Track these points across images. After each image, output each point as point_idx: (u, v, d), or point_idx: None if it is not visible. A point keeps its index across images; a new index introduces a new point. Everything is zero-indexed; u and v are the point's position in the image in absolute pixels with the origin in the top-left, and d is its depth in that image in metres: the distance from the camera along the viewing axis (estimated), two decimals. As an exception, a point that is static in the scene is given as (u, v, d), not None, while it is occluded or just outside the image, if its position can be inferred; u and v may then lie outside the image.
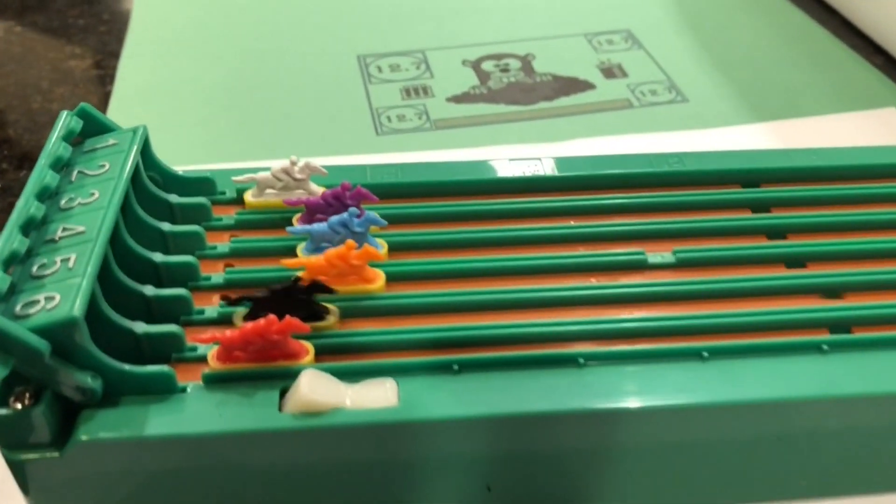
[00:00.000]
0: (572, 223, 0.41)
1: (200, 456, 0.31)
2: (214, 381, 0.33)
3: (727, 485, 0.35)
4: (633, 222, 0.41)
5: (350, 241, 0.36)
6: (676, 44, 0.71)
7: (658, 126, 0.61)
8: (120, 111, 0.62)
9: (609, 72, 0.67)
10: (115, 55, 0.70)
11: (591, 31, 0.73)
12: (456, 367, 0.33)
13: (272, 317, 0.32)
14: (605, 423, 0.32)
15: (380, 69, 0.67)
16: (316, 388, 0.31)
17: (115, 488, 0.32)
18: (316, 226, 0.38)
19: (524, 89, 0.65)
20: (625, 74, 0.67)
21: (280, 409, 0.32)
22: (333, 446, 0.32)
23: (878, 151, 0.45)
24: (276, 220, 0.40)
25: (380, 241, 0.39)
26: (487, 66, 0.68)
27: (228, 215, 0.40)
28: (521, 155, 0.45)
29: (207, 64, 0.68)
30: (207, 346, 0.34)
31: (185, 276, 0.37)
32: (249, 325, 0.32)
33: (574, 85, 0.66)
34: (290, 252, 0.38)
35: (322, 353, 0.34)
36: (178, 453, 0.31)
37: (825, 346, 0.34)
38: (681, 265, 0.39)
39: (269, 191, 0.41)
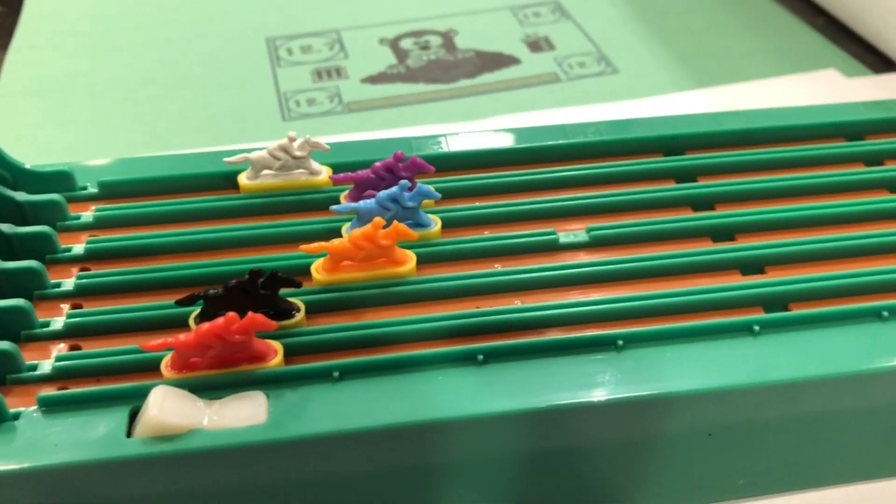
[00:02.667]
0: (477, 203, 0.37)
1: (36, 494, 0.27)
2: (52, 405, 0.28)
3: (655, 489, 0.31)
4: (543, 199, 0.36)
5: (378, 220, 0.31)
6: (608, 13, 0.67)
7: (587, 99, 0.57)
8: (4, 107, 0.57)
9: (535, 45, 0.63)
10: (2, 48, 0.64)
11: (516, 3, 0.69)
12: (336, 373, 0.29)
13: (232, 315, 0.27)
14: (496, 428, 0.28)
15: (290, 51, 0.63)
16: (167, 409, 0.27)
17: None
18: (363, 203, 0.33)
19: (445, 67, 0.61)
20: (552, 47, 0.63)
21: (129, 433, 0.27)
22: (191, 473, 0.27)
23: (810, 111, 0.42)
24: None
25: (433, 217, 0.35)
26: (406, 43, 0.64)
27: (87, 213, 0.36)
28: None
29: (105, 56, 0.63)
30: (48, 363, 0.29)
31: (28, 283, 0.32)
32: (205, 325, 0.27)
33: (498, 60, 0.62)
34: (151, 251, 0.34)
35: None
36: (8, 492, 0.26)
37: (756, 327, 0.31)
38: (595, 244, 0.35)
39: (265, 172, 0.37)
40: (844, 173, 0.38)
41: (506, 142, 0.40)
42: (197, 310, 0.31)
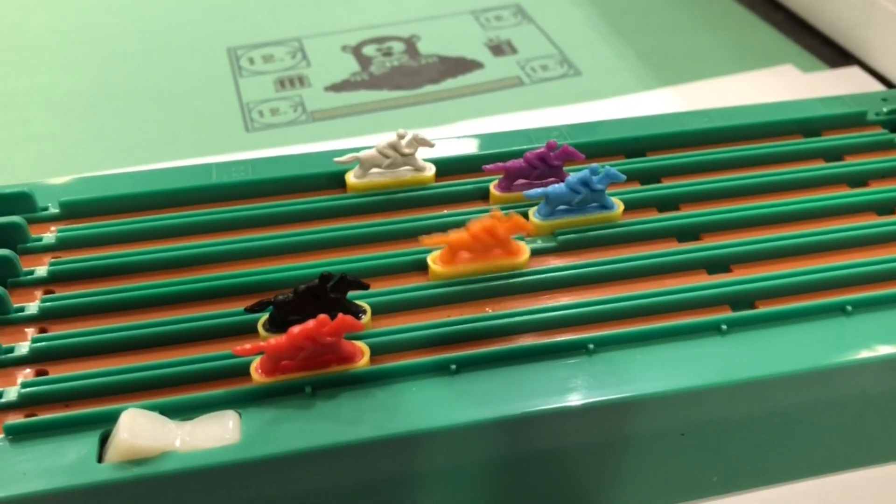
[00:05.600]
0: (446, 211, 0.37)
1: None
2: (20, 433, 0.27)
3: (630, 490, 0.32)
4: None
5: (497, 212, 0.32)
6: (569, 15, 0.68)
7: (551, 102, 0.57)
8: (-41, 127, 0.56)
9: (498, 49, 0.63)
10: (-43, 67, 0.63)
11: (478, 7, 0.69)
12: (308, 388, 0.29)
13: (323, 317, 0.28)
14: (471, 438, 0.28)
15: (252, 61, 0.62)
16: (138, 432, 0.27)
17: None
18: (552, 188, 0.35)
19: (408, 73, 0.61)
20: (514, 51, 0.63)
21: (100, 458, 0.27)
22: (164, 496, 0.27)
23: (769, 108, 0.42)
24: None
25: (615, 199, 0.36)
26: (369, 50, 0.63)
27: (49, 234, 0.35)
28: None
29: (64, 70, 0.62)
30: (13, 389, 0.29)
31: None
32: (297, 328, 0.28)
33: (461, 65, 0.62)
34: (116, 271, 0.33)
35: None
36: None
37: (724, 326, 0.31)
38: (563, 248, 0.35)
39: (374, 170, 0.37)
40: (805, 170, 0.39)
41: (470, 148, 0.40)
42: (265, 316, 0.31)
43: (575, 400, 0.28)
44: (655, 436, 0.30)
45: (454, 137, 0.40)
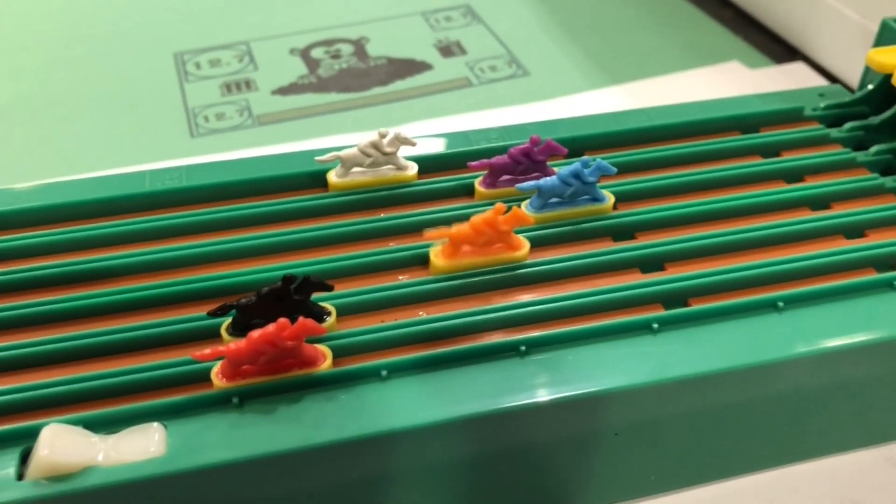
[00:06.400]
0: (383, 214, 0.37)
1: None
2: (-62, 451, 0.27)
3: (566, 491, 0.31)
4: (444, 208, 0.36)
5: (499, 205, 0.32)
6: (518, 15, 0.68)
7: (500, 102, 0.57)
8: None
9: (447, 50, 0.63)
10: None
11: (428, 8, 0.69)
12: (236, 399, 0.28)
13: (283, 320, 0.27)
14: (399, 445, 0.28)
15: (198, 66, 0.62)
16: (59, 447, 0.26)
17: None
18: (545, 181, 0.35)
19: (357, 75, 0.61)
20: (464, 52, 0.63)
21: (21, 476, 0.26)
22: (88, 513, 0.26)
23: (708, 105, 0.43)
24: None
25: (606, 192, 0.36)
26: (317, 53, 0.63)
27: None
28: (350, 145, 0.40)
29: (4, 77, 0.61)
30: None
31: None
32: (257, 333, 0.27)
33: (410, 66, 0.62)
34: (38, 283, 0.33)
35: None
36: None
37: (655, 325, 0.31)
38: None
39: (355, 169, 0.38)
40: (741, 166, 0.39)
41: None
42: (228, 320, 0.31)
43: (504, 403, 0.28)
44: (588, 437, 0.30)
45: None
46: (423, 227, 0.34)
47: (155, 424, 0.28)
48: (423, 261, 0.34)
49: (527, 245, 0.34)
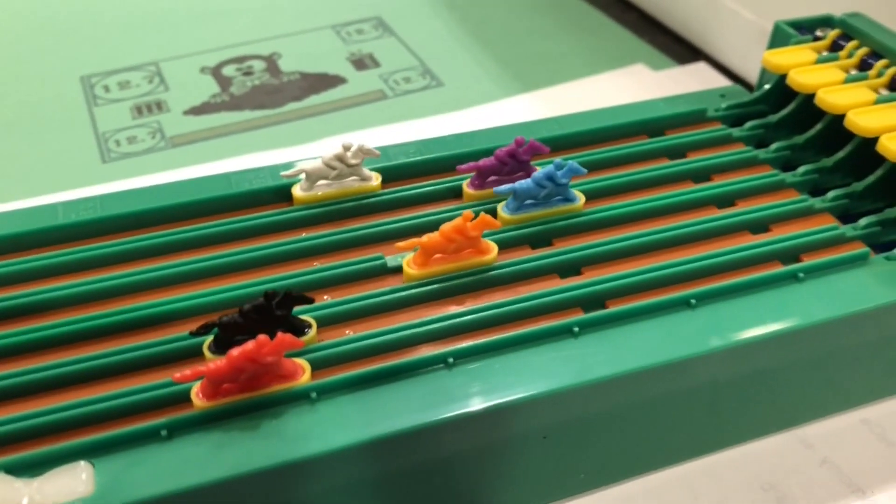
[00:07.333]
0: (304, 234, 0.37)
1: None
2: None
3: (499, 496, 0.32)
4: (368, 224, 0.37)
5: (467, 212, 0.33)
6: (429, 27, 0.69)
7: (415, 114, 0.58)
8: None
9: (360, 63, 0.64)
10: None
11: (339, 21, 0.69)
12: (164, 432, 0.28)
13: (263, 337, 0.28)
14: (336, 464, 0.28)
15: (107, 88, 0.60)
16: (-20, 495, 0.25)
17: None
18: (519, 184, 0.36)
19: (270, 91, 0.60)
20: (377, 64, 0.63)
21: (-59, 527, 0.26)
22: (15, 559, 0.26)
23: (615, 111, 0.44)
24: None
25: (577, 192, 0.38)
26: (229, 70, 0.63)
27: None
28: (268, 163, 0.40)
29: None
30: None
31: None
32: (236, 350, 0.27)
33: (324, 81, 0.62)
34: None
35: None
36: None
37: (576, 328, 0.32)
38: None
39: (320, 182, 0.38)
40: (650, 169, 0.41)
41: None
42: (210, 338, 0.31)
43: (435, 415, 0.29)
44: (519, 441, 0.31)
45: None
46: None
47: (82, 463, 0.27)
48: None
49: (495, 248, 0.35)
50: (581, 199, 0.38)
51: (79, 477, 0.27)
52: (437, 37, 0.67)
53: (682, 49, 0.66)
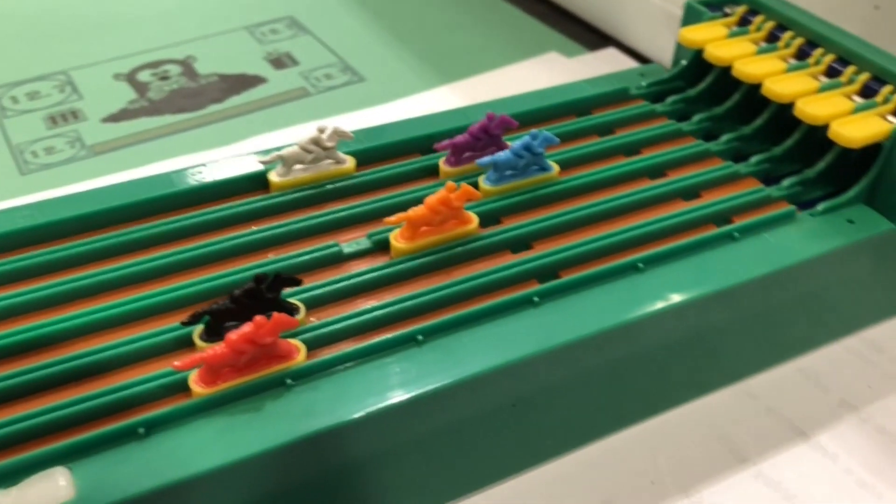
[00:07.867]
0: (261, 225, 0.36)
1: None
2: None
3: (478, 467, 0.33)
4: (322, 213, 0.37)
5: (450, 184, 0.34)
6: (344, 24, 0.69)
7: (339, 109, 0.58)
8: None
9: (279, 62, 0.63)
10: None
11: (252, 22, 0.68)
12: (142, 429, 0.28)
13: (260, 317, 0.28)
14: (290, 456, 0.28)
15: (15, 100, 0.58)
16: (-44, 508, 0.25)
17: None
18: (499, 155, 0.38)
19: (189, 95, 0.59)
20: (295, 62, 0.63)
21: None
22: (-3, 571, 0.25)
23: (543, 94, 0.45)
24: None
25: (552, 162, 0.40)
26: (144, 76, 0.61)
27: None
28: (192, 165, 0.40)
29: None
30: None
31: None
32: (234, 334, 0.28)
33: (244, 81, 0.61)
34: None
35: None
36: None
37: (536, 298, 0.33)
38: (379, 249, 0.36)
39: (297, 167, 0.37)
40: (583, 146, 0.42)
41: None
42: (200, 328, 0.31)
43: (413, 391, 0.29)
44: (490, 411, 0.32)
45: (235, 156, 0.40)
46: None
47: (59, 468, 0.26)
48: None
49: (475, 219, 0.36)
50: (555, 168, 0.40)
51: (57, 482, 0.26)
52: (353, 33, 0.67)
53: (592, 36, 0.68)
